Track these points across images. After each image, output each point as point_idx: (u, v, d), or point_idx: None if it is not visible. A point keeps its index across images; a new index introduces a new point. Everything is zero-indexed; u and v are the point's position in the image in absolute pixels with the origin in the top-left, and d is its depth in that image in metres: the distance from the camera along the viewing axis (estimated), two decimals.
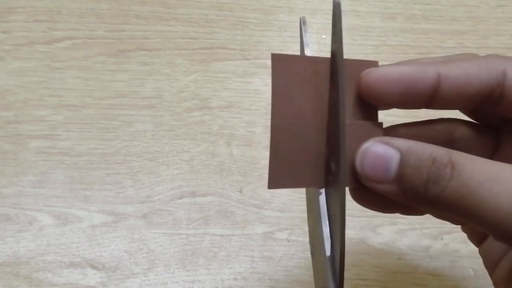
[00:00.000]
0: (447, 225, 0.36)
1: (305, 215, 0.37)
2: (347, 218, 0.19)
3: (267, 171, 0.40)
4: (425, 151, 0.19)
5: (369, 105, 0.21)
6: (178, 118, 0.40)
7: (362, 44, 0.43)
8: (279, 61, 0.20)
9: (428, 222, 0.36)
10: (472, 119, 0.24)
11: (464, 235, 0.27)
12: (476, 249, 0.26)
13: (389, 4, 0.46)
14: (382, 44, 0.43)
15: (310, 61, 0.21)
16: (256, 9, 0.45)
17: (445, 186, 0.19)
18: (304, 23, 0.23)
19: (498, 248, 0.24)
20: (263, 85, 0.41)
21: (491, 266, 0.25)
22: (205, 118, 0.40)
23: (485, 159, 0.19)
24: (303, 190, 0.37)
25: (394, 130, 0.23)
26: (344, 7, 0.45)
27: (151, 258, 0.35)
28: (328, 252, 0.20)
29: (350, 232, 0.36)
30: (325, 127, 0.21)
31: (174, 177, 0.38)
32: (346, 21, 0.44)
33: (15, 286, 0.34)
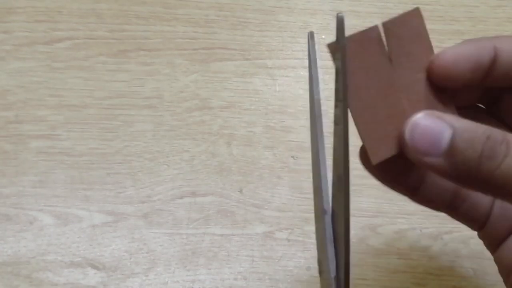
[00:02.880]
0: (446, 225, 0.36)
1: (305, 215, 0.37)
2: None
3: (267, 171, 0.40)
4: (479, 127, 0.19)
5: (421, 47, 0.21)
6: (178, 118, 0.40)
7: None
8: (353, 42, 0.21)
9: (427, 222, 0.36)
10: None
11: (464, 234, 0.27)
12: (475, 249, 0.27)
13: (388, 4, 0.46)
14: None
15: (364, 34, 0.21)
16: (256, 9, 0.45)
17: (500, 162, 0.18)
18: (312, 38, 0.22)
19: None
20: (263, 85, 0.41)
21: (506, 271, 0.24)
22: (205, 118, 0.40)
23: None
24: (303, 190, 0.38)
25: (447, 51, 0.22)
26: (344, 7, 0.45)
27: (151, 257, 0.35)
28: (333, 273, 0.20)
29: (350, 232, 0.36)
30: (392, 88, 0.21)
31: (174, 177, 0.38)
32: (346, 21, 0.44)
33: (16, 286, 0.34)
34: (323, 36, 0.44)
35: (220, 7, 0.45)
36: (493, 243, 0.26)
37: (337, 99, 0.20)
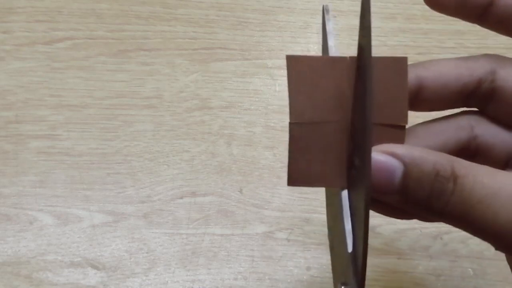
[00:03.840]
0: (446, 225, 0.36)
1: (305, 215, 0.37)
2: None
3: (267, 171, 0.40)
4: (428, 162, 0.19)
5: (395, 105, 0.21)
6: (178, 118, 0.40)
7: None
8: (294, 61, 0.20)
9: (427, 223, 0.36)
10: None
11: (464, 235, 0.27)
12: (475, 249, 0.27)
13: (389, 4, 0.46)
14: (381, 44, 0.43)
15: (328, 60, 0.21)
16: (256, 9, 0.45)
17: (447, 201, 0.19)
18: (327, 11, 0.22)
19: None
20: (263, 85, 0.41)
21: None
22: (205, 118, 0.40)
23: (490, 169, 0.19)
24: (303, 189, 0.37)
25: (413, 131, 0.23)
26: (344, 7, 0.45)
27: (151, 257, 0.35)
28: (350, 248, 0.20)
29: None
30: (348, 123, 0.20)
31: (174, 177, 0.38)
32: (345, 21, 0.45)
33: (16, 286, 0.34)
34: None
35: (220, 7, 0.45)
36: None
37: (359, 75, 0.20)
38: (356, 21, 0.44)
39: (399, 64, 0.21)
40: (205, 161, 0.39)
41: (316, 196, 0.37)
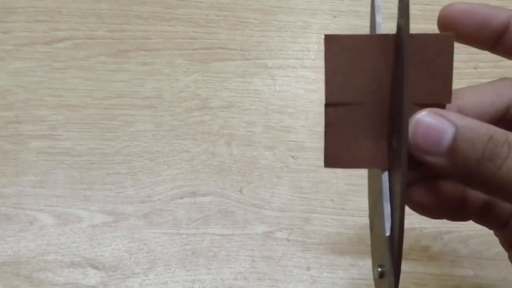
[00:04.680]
0: (446, 225, 0.36)
1: (305, 215, 0.37)
2: (347, 215, 0.19)
3: (267, 171, 0.40)
4: (482, 127, 0.19)
5: (440, 84, 0.20)
6: (178, 118, 0.40)
7: None
8: (333, 40, 0.20)
9: (427, 222, 0.36)
10: None
11: (464, 234, 0.27)
12: (475, 249, 0.27)
13: (389, 4, 0.45)
14: None
15: (369, 39, 0.20)
16: (256, 9, 0.45)
17: (501, 164, 0.18)
18: None
19: None
20: (263, 85, 0.41)
21: None
22: (205, 118, 0.40)
23: None
24: (303, 190, 0.37)
25: (461, 95, 0.22)
26: (344, 7, 0.45)
27: (151, 257, 0.35)
28: (388, 232, 0.20)
29: (350, 232, 0.36)
30: (387, 104, 0.20)
31: (174, 177, 0.38)
32: (346, 22, 0.44)
33: (16, 286, 0.34)
34: (323, 36, 0.44)
35: (220, 7, 0.45)
36: (510, 243, 0.25)
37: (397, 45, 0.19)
38: (356, 21, 0.44)
39: (444, 41, 0.20)
40: (205, 161, 0.39)
41: (316, 196, 0.37)
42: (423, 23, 0.45)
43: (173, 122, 0.40)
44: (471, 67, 0.42)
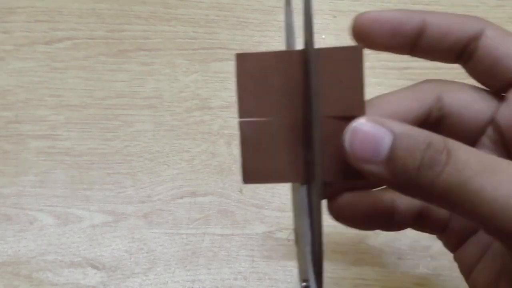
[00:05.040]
0: None
1: None
2: None
3: None
4: (420, 134, 0.18)
5: (351, 96, 0.20)
6: (178, 118, 0.40)
7: None
8: (243, 59, 0.21)
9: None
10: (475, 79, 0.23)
11: None
12: None
13: (388, 5, 0.46)
14: None
15: (278, 55, 0.20)
16: (256, 9, 0.45)
17: (440, 171, 0.18)
18: (289, 3, 0.22)
19: (474, 252, 0.24)
20: None
21: (467, 271, 0.24)
22: (205, 118, 0.40)
23: (479, 151, 0.19)
24: None
25: (369, 103, 0.22)
26: (344, 7, 0.45)
27: (151, 257, 0.35)
28: (308, 246, 0.20)
29: (350, 232, 0.36)
30: (300, 118, 0.20)
31: (174, 177, 0.38)
32: (346, 22, 0.44)
33: (16, 286, 0.34)
34: (323, 36, 0.44)
35: (220, 7, 0.44)
36: (453, 244, 0.25)
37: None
38: None
39: (352, 53, 0.20)
40: (205, 161, 0.39)
41: None
42: None
43: (173, 122, 0.40)
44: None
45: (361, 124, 0.19)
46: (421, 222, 0.25)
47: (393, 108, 0.22)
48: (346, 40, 0.43)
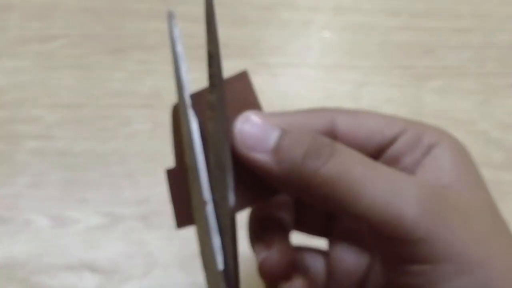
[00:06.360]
0: None
1: None
2: None
3: None
4: (308, 130, 0.20)
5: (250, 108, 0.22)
6: None
7: (365, 42, 0.43)
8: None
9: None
10: None
11: None
12: None
13: (392, 2, 0.45)
14: (385, 41, 0.43)
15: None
16: (257, 6, 0.45)
17: (325, 161, 0.19)
18: (173, 17, 0.23)
19: None
20: (264, 83, 0.41)
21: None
22: None
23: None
24: None
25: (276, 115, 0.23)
26: (347, 3, 0.45)
27: (149, 260, 0.35)
28: (221, 266, 0.19)
29: None
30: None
31: None
32: (349, 18, 0.44)
33: None
34: (326, 36, 0.43)
35: (220, 4, 0.44)
36: None
37: (211, 85, 0.21)
38: (359, 18, 0.43)
39: (242, 78, 0.22)
40: None
41: None
42: (426, 19, 0.45)
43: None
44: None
45: (251, 115, 0.20)
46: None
47: (289, 120, 0.22)
48: (350, 36, 0.42)
